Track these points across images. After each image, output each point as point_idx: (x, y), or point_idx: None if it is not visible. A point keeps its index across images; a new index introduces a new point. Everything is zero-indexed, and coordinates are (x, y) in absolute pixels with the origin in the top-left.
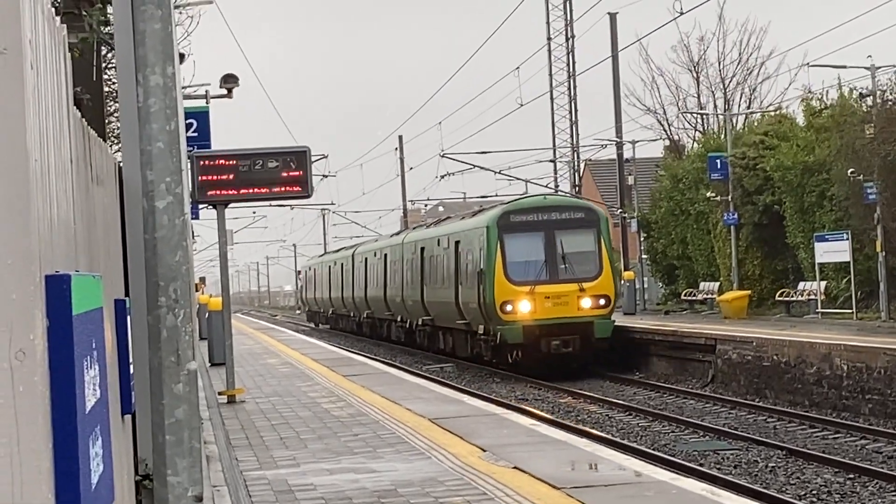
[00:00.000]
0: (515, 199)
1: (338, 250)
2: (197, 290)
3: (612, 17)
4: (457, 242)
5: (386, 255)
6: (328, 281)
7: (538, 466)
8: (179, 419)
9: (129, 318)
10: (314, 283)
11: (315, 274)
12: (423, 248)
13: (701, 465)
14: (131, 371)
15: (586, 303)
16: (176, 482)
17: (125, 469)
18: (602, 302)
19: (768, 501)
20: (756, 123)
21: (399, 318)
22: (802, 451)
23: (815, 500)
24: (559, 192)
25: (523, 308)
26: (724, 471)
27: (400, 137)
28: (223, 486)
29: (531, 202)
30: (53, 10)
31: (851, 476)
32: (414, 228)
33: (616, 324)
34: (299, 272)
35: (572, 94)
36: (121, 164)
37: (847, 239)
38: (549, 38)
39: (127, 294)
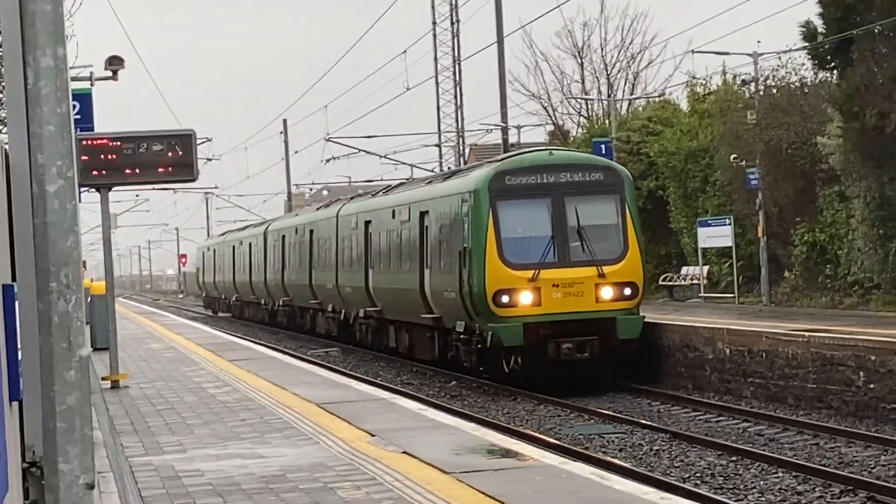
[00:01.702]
0: (511, 155)
1: (244, 227)
2: None
3: (498, 2)
4: (423, 213)
5: (312, 231)
6: (231, 263)
7: (427, 451)
8: (71, 406)
9: (16, 303)
10: (213, 265)
11: (215, 255)
12: (368, 222)
13: (586, 448)
14: (19, 357)
15: (607, 293)
16: (67, 469)
17: (13, 456)
18: (627, 291)
19: (653, 484)
20: (640, 109)
21: (330, 308)
22: (686, 434)
23: (699, 482)
24: None
25: (524, 300)
26: (610, 454)
27: (284, 121)
28: (108, 472)
29: (533, 158)
30: None
31: (734, 458)
32: (351, 199)
33: None
34: (182, 256)
35: (457, 78)
36: (5, 147)
37: (729, 224)
38: (434, 23)
39: (13, 279)
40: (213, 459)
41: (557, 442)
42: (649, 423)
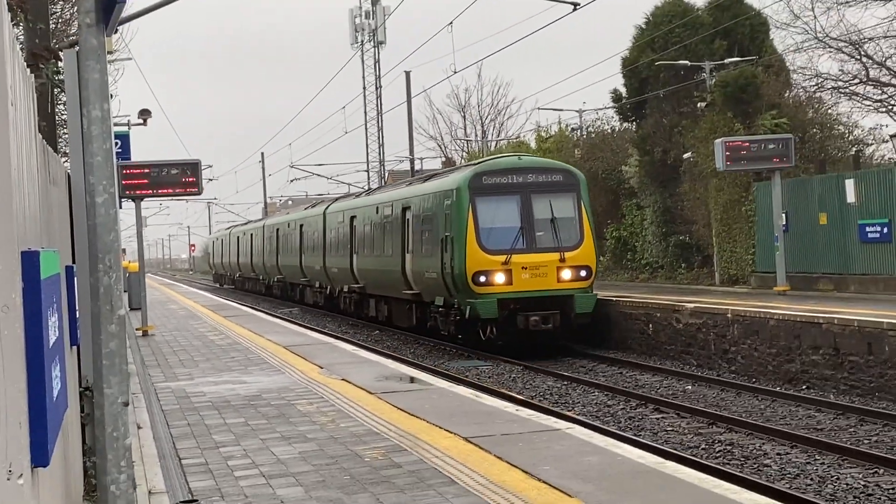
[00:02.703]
0: (486, 160)
1: (245, 223)
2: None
3: (407, 74)
4: (405, 208)
5: (302, 225)
6: (237, 249)
7: (359, 378)
8: (112, 349)
9: (75, 279)
10: (222, 250)
11: (223, 243)
12: (353, 217)
13: (466, 376)
14: (77, 315)
15: (566, 274)
16: (110, 393)
17: (73, 383)
18: (583, 273)
19: (511, 400)
20: (504, 147)
21: (317, 284)
22: (533, 367)
23: (542, 399)
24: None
25: (498, 280)
26: (482, 380)
27: (262, 154)
28: (140, 393)
29: (505, 163)
30: (25, 63)
31: (566, 383)
32: (336, 200)
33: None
34: (192, 245)
35: (380, 125)
36: (69, 172)
37: None
38: (364, 88)
39: (73, 262)
40: (211, 384)
41: (447, 372)
42: (508, 359)
